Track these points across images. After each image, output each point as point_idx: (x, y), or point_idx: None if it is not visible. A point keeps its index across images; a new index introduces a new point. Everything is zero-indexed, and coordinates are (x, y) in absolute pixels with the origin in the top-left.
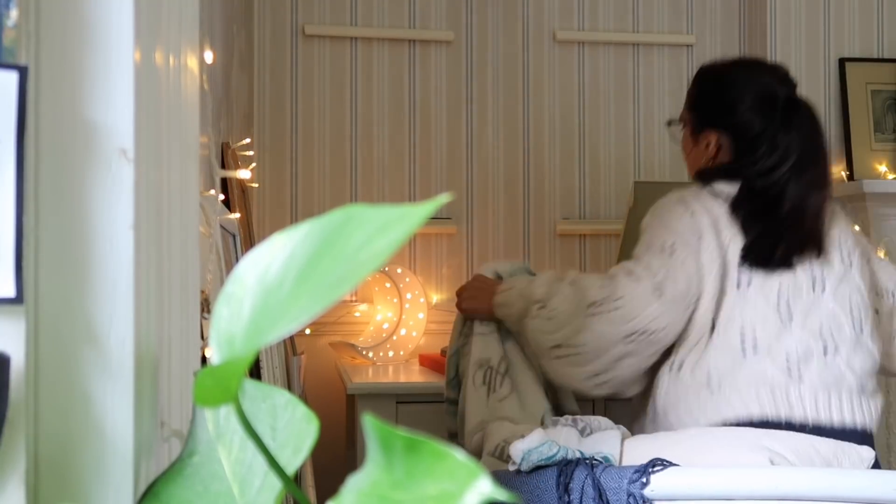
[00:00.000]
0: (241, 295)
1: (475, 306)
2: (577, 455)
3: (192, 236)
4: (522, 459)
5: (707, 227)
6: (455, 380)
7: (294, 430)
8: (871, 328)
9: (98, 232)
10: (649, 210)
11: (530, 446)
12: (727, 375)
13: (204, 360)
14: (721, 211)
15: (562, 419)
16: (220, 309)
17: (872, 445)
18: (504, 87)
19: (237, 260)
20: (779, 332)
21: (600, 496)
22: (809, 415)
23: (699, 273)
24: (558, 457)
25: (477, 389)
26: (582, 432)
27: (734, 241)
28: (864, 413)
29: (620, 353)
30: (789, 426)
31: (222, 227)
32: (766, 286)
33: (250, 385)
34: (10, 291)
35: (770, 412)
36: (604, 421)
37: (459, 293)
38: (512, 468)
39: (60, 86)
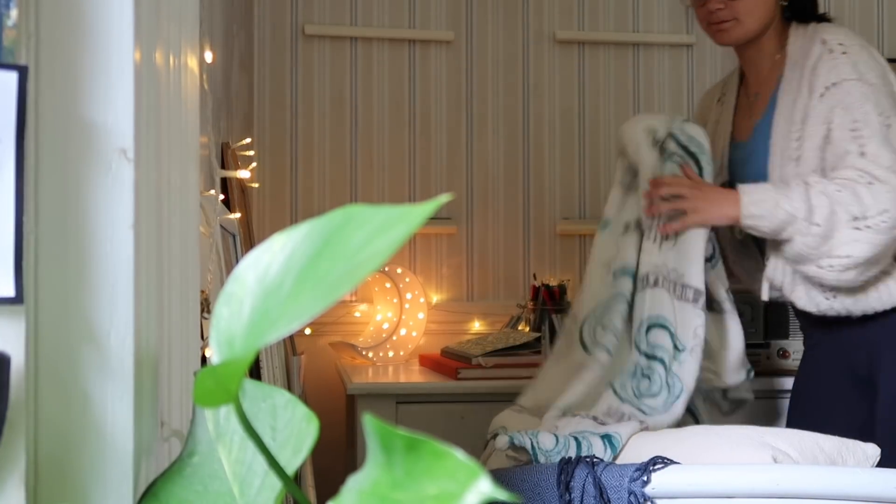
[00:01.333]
0: (241, 295)
1: (719, 213)
2: (555, 438)
3: (192, 236)
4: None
5: (886, 66)
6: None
7: (294, 430)
8: None
9: (98, 232)
10: (832, 53)
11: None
12: None
13: (204, 360)
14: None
15: (581, 414)
16: (220, 309)
17: None
18: (504, 87)
19: (237, 260)
20: None
21: (601, 494)
22: None
23: None
24: (528, 444)
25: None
26: (600, 422)
27: None
28: None
29: (890, 249)
30: None
31: (222, 227)
32: None
33: (250, 385)
34: (9, 291)
35: None
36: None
37: (676, 197)
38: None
39: (60, 86)
